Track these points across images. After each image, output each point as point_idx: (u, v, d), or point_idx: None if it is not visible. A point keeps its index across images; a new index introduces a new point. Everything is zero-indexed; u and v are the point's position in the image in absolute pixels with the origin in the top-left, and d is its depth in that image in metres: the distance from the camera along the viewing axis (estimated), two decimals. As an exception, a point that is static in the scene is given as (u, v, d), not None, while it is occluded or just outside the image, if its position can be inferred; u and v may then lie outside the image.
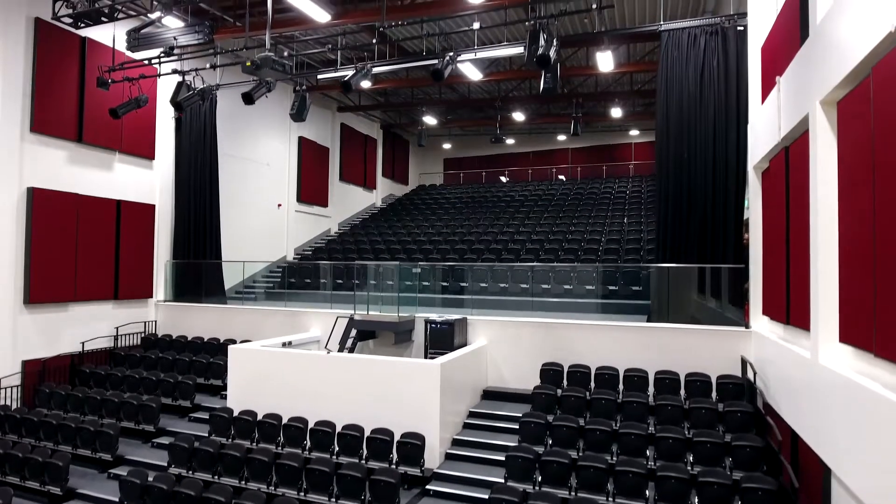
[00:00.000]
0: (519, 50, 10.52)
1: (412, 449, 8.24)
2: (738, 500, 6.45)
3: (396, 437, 8.42)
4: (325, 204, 22.79)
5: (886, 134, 4.12)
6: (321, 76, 13.09)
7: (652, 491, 6.90)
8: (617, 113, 22.41)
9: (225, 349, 11.29)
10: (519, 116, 23.63)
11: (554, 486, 7.29)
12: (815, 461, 5.51)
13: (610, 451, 7.88)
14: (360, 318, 11.39)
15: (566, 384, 9.79)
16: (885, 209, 4.15)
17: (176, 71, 12.35)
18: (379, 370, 9.25)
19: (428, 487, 8.06)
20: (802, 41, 6.17)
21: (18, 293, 11.54)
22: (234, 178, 17.51)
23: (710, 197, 10.48)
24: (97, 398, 10.93)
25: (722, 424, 8.06)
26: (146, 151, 14.36)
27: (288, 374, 9.91)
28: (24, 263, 11.63)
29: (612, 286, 13.06)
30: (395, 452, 8.36)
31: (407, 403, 8.82)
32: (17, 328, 11.50)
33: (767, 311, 8.36)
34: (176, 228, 15.13)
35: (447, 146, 31.28)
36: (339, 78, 13.05)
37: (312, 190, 21.86)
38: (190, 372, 12.25)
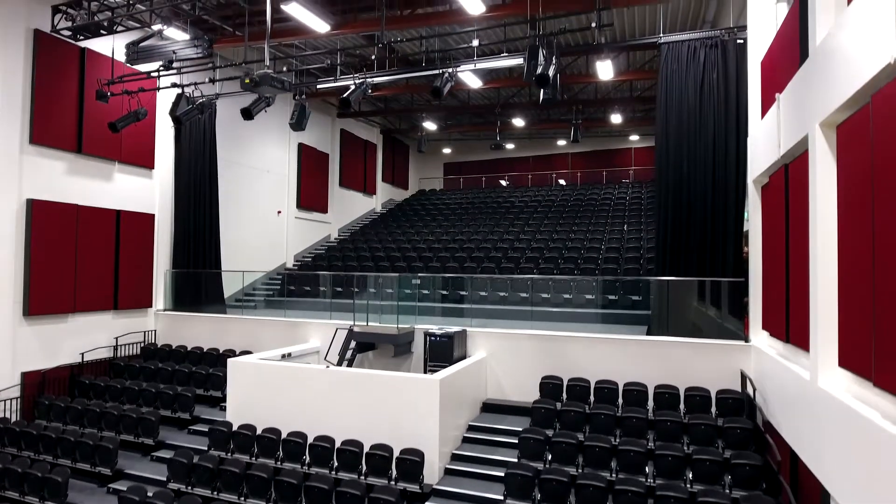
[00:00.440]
0: (519, 61, 10.50)
1: (411, 465, 8.23)
2: (737, 520, 6.43)
3: (396, 452, 8.40)
4: (324, 210, 22.78)
5: (887, 163, 4.10)
6: (321, 86, 13.05)
7: (651, 509, 6.90)
8: (617, 119, 22.40)
9: (224, 360, 11.29)
10: (519, 122, 23.65)
11: (553, 503, 7.28)
12: (814, 484, 5.49)
13: (609, 467, 7.86)
14: (359, 329, 11.37)
15: (566, 398, 9.77)
16: (884, 239, 4.13)
17: (175, 85, 12.35)
18: (378, 385, 9.23)
19: (427, 504, 8.06)
20: (802, 60, 6.16)
21: (18, 305, 11.54)
22: (233, 185, 17.51)
23: (709, 209, 10.47)
24: (96, 410, 10.92)
25: (721, 440, 8.05)
26: (146, 161, 14.35)
27: (287, 388, 9.90)
28: (23, 276, 11.62)
29: (611, 296, 13.06)
30: (394, 468, 8.34)
31: (406, 419, 8.80)
32: (16, 340, 11.50)
33: (767, 326, 8.35)
34: (175, 237, 15.12)
35: (447, 150, 31.28)
36: (338, 88, 13.05)
37: (312, 196, 21.86)
38: (189, 383, 12.24)
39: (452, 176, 31.21)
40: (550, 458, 8.20)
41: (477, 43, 10.17)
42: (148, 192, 14.52)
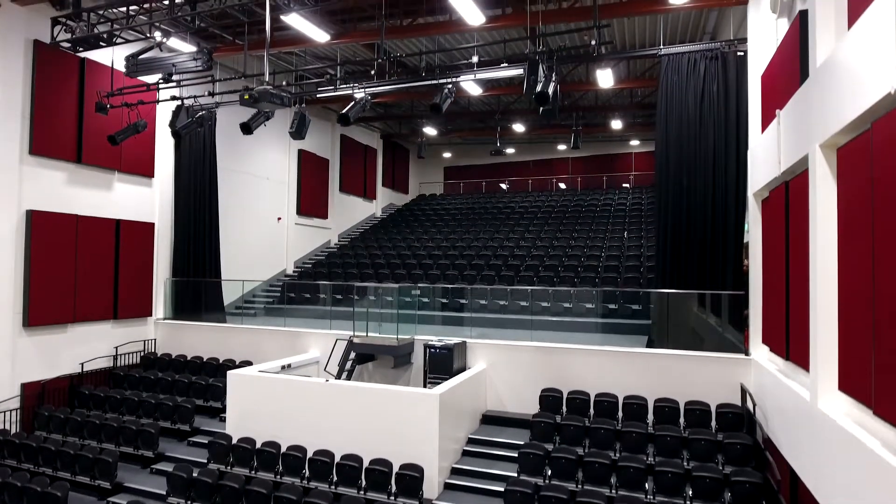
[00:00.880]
0: (519, 71, 10.49)
1: (411, 480, 8.21)
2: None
3: (395, 467, 8.38)
4: (324, 216, 22.77)
5: (888, 191, 4.09)
6: (320, 95, 13.05)
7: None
8: (617, 125, 22.39)
9: (225, 370, 11.27)
10: (519, 127, 23.63)
11: (553, 521, 7.27)
12: (814, 505, 5.48)
13: (609, 483, 7.85)
14: (359, 340, 11.36)
15: (565, 411, 9.76)
16: (883, 268, 4.12)
17: (175, 97, 12.34)
18: (378, 399, 9.22)
19: (426, 519, 8.04)
20: (803, 79, 6.15)
21: (17, 316, 11.53)
22: (233, 192, 17.51)
23: (709, 221, 10.45)
24: (96, 422, 10.91)
25: (721, 455, 8.04)
26: (145, 170, 14.35)
27: (287, 401, 9.88)
28: (23, 286, 11.61)
29: (611, 305, 13.05)
30: (393, 483, 8.33)
31: (406, 433, 8.79)
32: (16, 351, 11.49)
33: (767, 340, 8.33)
34: (175, 246, 15.11)
35: (447, 155, 31.28)
36: (338, 96, 13.05)
37: (312, 202, 21.85)
38: (189, 393, 12.23)
39: (453, 180, 31.20)
40: (550, 473, 8.19)
41: (476, 59, 10.12)
42: (148, 200, 14.52)
